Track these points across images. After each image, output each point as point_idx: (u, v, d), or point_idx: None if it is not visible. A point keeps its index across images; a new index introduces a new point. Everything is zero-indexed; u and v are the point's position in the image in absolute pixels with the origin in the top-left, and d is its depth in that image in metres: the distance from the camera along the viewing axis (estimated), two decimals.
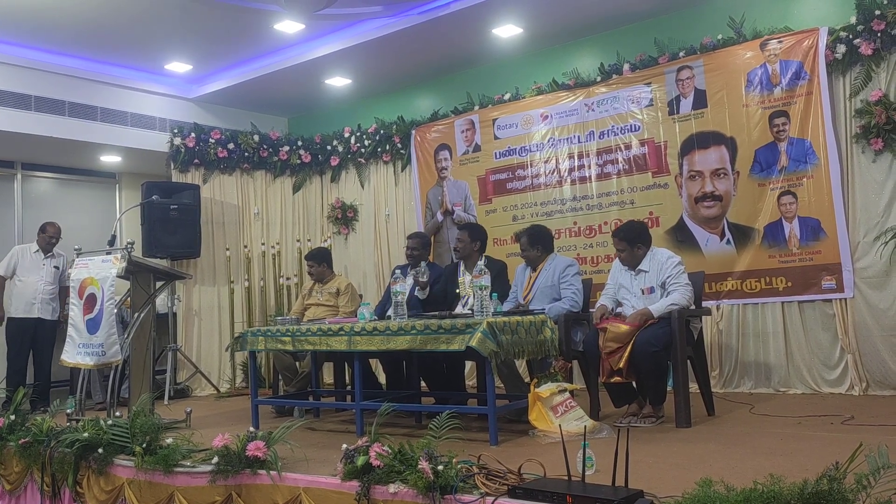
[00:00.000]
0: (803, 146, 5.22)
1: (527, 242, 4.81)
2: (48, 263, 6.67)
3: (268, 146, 7.90)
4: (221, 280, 7.59)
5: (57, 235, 6.72)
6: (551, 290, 4.67)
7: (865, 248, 5.02)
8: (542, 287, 4.69)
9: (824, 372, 5.16)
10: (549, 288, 4.68)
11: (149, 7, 5.82)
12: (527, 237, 4.83)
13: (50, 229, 6.69)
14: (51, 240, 6.68)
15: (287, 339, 4.60)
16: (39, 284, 6.59)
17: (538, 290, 4.69)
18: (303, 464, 3.35)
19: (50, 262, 6.69)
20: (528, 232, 4.87)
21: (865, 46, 4.96)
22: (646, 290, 4.35)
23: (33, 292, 6.57)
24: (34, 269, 6.62)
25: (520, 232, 5.01)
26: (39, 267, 6.63)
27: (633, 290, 4.40)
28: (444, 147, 7.08)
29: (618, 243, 4.44)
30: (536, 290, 4.70)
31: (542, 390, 3.87)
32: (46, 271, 6.64)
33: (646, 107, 5.92)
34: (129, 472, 3.71)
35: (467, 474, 2.69)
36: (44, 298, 6.60)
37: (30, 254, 6.66)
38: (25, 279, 6.58)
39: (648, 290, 4.35)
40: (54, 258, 6.73)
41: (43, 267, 6.64)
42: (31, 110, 6.73)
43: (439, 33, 6.21)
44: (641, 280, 4.39)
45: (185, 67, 7.20)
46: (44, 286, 6.61)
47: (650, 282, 4.34)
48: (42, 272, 6.62)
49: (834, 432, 3.71)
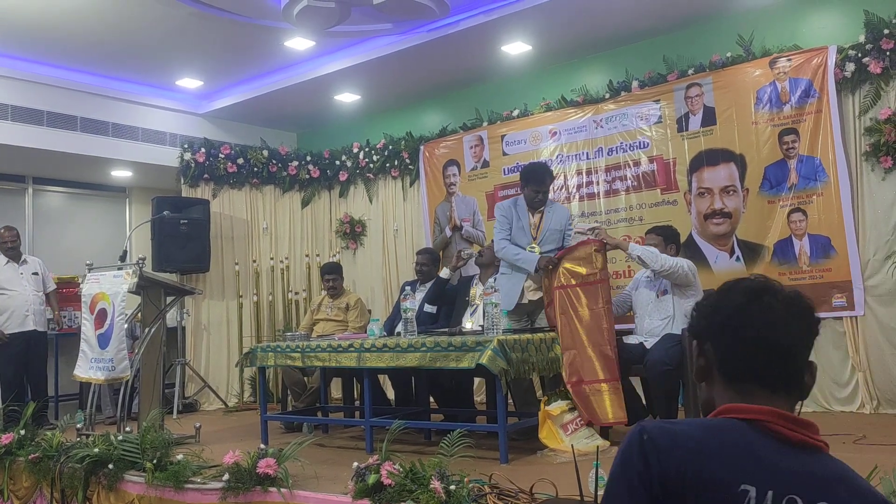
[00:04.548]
0: (813, 164, 5.22)
1: (547, 184, 4.76)
2: (26, 271, 6.38)
3: (277, 161, 7.94)
4: (230, 294, 7.61)
5: (13, 239, 6.35)
6: (559, 234, 4.66)
7: (876, 266, 5.01)
8: (552, 230, 4.65)
9: (835, 390, 5.13)
10: (557, 232, 4.66)
11: (160, 24, 5.87)
12: (546, 179, 4.76)
13: (4, 234, 6.34)
14: (8, 245, 6.31)
15: (297, 354, 4.61)
16: (29, 295, 6.30)
17: (547, 233, 4.64)
18: (313, 481, 3.35)
19: (27, 270, 6.40)
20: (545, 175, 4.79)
21: (874, 65, 4.98)
22: (660, 293, 4.39)
23: (24, 303, 6.27)
24: (15, 279, 6.29)
25: (525, 172, 4.85)
26: (19, 276, 6.32)
27: (650, 293, 4.44)
28: (452, 163, 7.11)
29: (653, 237, 4.49)
30: (546, 234, 4.64)
31: (553, 408, 3.87)
32: (28, 279, 6.36)
33: (654, 124, 5.93)
34: (140, 488, 3.71)
35: (479, 494, 2.69)
36: (36, 309, 6.34)
37: (2, 267, 6.30)
38: (12, 292, 6.25)
39: (662, 292, 4.38)
40: (28, 264, 6.45)
41: (22, 276, 6.34)
42: (43, 125, 6.78)
43: (448, 50, 6.25)
44: (660, 284, 4.42)
45: (196, 83, 7.26)
46: (32, 295, 6.34)
47: (665, 286, 4.39)
48: (24, 281, 6.33)
49: (846, 452, 3.68)
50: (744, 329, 1.28)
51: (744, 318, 1.28)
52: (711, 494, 1.17)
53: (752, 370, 1.28)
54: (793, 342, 1.28)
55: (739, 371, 1.29)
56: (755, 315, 1.27)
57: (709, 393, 1.35)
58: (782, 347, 1.27)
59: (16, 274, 6.35)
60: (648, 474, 1.19)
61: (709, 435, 1.23)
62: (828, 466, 1.24)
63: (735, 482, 1.17)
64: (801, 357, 1.29)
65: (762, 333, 1.26)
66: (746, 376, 1.29)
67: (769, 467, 1.19)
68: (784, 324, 1.27)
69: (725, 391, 1.30)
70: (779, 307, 1.28)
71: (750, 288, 1.31)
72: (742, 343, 1.28)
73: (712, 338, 1.33)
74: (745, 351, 1.28)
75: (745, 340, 1.28)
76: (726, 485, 1.17)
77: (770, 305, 1.27)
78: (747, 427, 1.23)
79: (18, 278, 6.35)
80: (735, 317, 1.29)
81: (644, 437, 1.21)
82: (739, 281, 1.35)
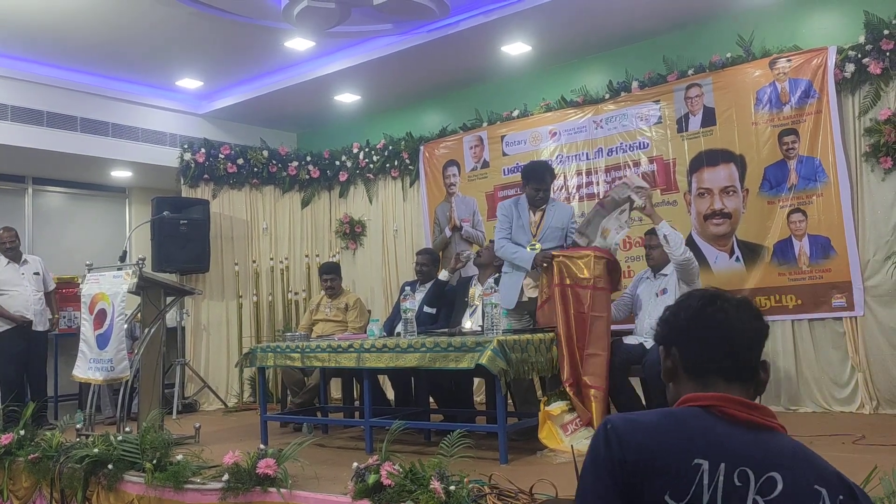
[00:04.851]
0: (813, 164, 5.22)
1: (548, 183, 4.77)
2: (27, 271, 6.37)
3: (277, 161, 7.94)
4: (230, 295, 7.61)
5: (11, 240, 6.34)
6: (561, 231, 4.66)
7: (876, 267, 5.01)
8: (552, 227, 4.65)
9: (834, 390, 5.14)
10: (558, 230, 4.66)
11: (160, 24, 5.87)
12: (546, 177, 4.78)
13: (3, 235, 6.33)
14: (7, 246, 6.31)
15: (296, 355, 4.61)
16: (29, 295, 6.31)
17: (548, 231, 4.64)
18: (313, 481, 3.35)
19: (28, 270, 6.39)
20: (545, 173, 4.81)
21: (874, 65, 4.98)
22: (659, 293, 4.40)
23: (24, 303, 6.26)
24: (16, 279, 6.29)
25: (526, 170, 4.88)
26: (20, 277, 6.31)
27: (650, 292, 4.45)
28: (452, 163, 7.11)
29: (653, 239, 4.52)
30: (546, 231, 4.63)
31: (553, 408, 3.87)
32: (29, 279, 6.35)
33: (654, 124, 5.93)
34: (140, 488, 3.71)
35: (479, 494, 2.69)
36: (37, 309, 6.34)
37: (2, 267, 6.29)
38: (13, 291, 6.24)
39: (662, 291, 4.39)
40: (29, 264, 6.44)
41: (23, 276, 6.33)
42: (43, 126, 6.78)
43: (448, 51, 6.25)
44: (659, 283, 4.43)
45: (196, 84, 7.26)
46: (33, 294, 6.33)
47: (664, 284, 4.39)
48: (25, 281, 6.31)
49: (846, 452, 3.69)
50: (702, 328, 1.46)
51: (701, 319, 1.47)
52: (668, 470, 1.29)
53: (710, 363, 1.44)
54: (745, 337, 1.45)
55: (700, 366, 1.45)
56: (711, 315, 1.46)
57: (676, 392, 1.49)
58: (736, 342, 1.44)
59: (17, 274, 6.35)
60: (611, 460, 1.31)
61: (665, 419, 1.37)
62: (781, 443, 1.35)
63: (689, 458, 1.29)
64: (753, 352, 1.46)
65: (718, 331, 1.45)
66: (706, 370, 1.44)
67: (721, 444, 1.32)
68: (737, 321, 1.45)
69: (689, 387, 1.45)
70: (731, 309, 1.47)
71: (705, 295, 1.51)
72: (700, 340, 1.46)
73: (676, 341, 1.50)
74: (703, 347, 1.45)
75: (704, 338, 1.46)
76: (681, 461, 1.29)
77: (723, 307, 1.47)
78: (702, 412, 1.37)
79: (19, 278, 6.34)
80: (694, 318, 1.48)
81: (608, 426, 1.35)
82: (695, 290, 1.56)
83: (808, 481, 1.29)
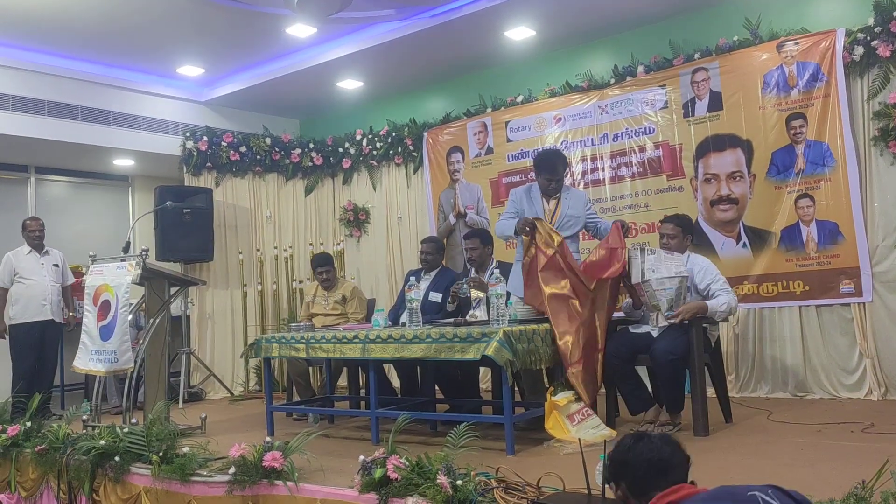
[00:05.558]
0: (821, 149, 5.16)
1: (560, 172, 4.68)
2: (46, 262, 6.37)
3: (280, 149, 7.90)
4: (234, 284, 7.60)
5: (40, 229, 6.37)
6: (577, 220, 4.59)
7: (884, 252, 4.97)
8: (568, 216, 4.57)
9: (842, 377, 5.11)
10: (575, 218, 4.58)
11: (161, 11, 5.82)
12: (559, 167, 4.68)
13: (31, 224, 6.38)
14: (35, 234, 6.34)
15: (301, 346, 4.60)
16: (48, 285, 6.32)
17: (565, 219, 4.55)
18: (319, 474, 3.35)
19: (49, 261, 6.39)
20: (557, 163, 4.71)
21: (883, 48, 4.90)
22: None
23: (42, 293, 6.28)
24: (36, 270, 6.30)
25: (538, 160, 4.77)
26: (40, 267, 6.33)
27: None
28: (456, 149, 7.06)
29: (672, 228, 4.40)
30: (563, 220, 4.55)
31: (559, 398, 3.85)
32: (48, 270, 6.35)
33: (660, 109, 5.87)
34: (146, 480, 3.71)
35: (486, 488, 2.68)
36: (54, 300, 6.34)
37: (23, 256, 6.32)
38: (30, 281, 6.25)
39: None
40: (49, 255, 6.43)
41: (43, 266, 6.34)
42: (45, 115, 6.75)
43: (451, 36, 6.18)
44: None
45: (198, 71, 7.20)
46: (51, 285, 6.34)
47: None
48: (44, 271, 6.32)
49: (855, 441, 3.67)
50: (637, 458, 2.02)
51: (635, 451, 2.04)
52: None
53: (649, 484, 1.95)
54: (671, 459, 2.00)
55: (643, 488, 1.97)
56: (642, 448, 2.04)
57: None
58: (665, 462, 1.99)
59: (37, 264, 6.37)
60: None
61: None
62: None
63: None
64: (678, 471, 1.99)
65: (649, 456, 2.00)
66: (647, 490, 1.94)
67: None
68: (661, 448, 2.02)
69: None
70: (656, 440, 2.05)
71: (633, 436, 2.11)
72: (637, 468, 2.01)
73: (622, 475, 2.07)
74: (641, 472, 2.00)
75: (639, 465, 2.01)
76: None
77: (649, 440, 2.05)
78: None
79: (39, 268, 6.36)
80: (629, 452, 2.05)
81: None
82: (625, 437, 2.14)
83: None
